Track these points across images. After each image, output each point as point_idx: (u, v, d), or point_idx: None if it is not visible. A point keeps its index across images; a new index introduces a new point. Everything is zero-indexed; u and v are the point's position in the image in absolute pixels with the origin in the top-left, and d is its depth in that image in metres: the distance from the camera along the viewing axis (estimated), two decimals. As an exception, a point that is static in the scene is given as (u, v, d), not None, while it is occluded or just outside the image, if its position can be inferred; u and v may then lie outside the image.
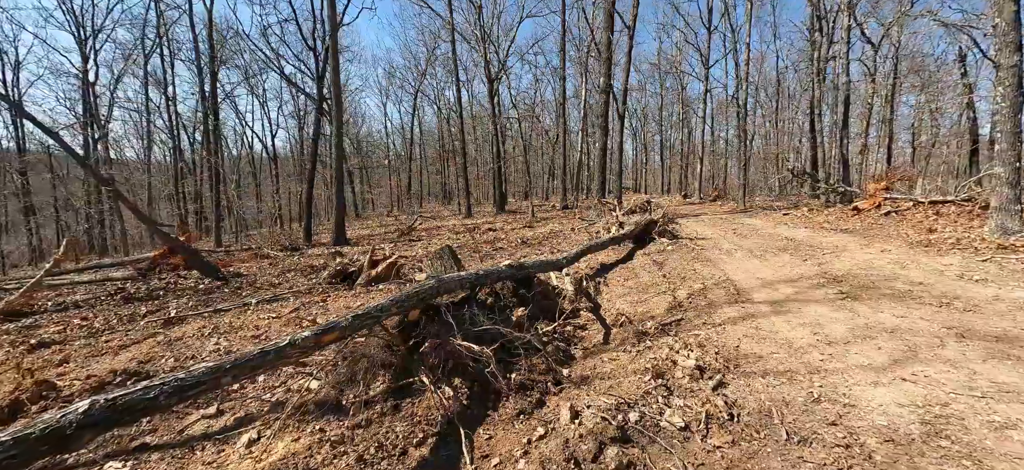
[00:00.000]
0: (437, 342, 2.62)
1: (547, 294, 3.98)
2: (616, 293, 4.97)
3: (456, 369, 2.67)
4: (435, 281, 2.79)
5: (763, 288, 4.72)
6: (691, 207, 20.92)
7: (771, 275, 5.33)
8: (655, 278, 5.46)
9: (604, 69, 14.16)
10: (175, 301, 7.19)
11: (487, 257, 8.96)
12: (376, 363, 2.57)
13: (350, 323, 2.12)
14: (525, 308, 3.41)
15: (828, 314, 3.67)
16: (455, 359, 2.64)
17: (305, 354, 2.03)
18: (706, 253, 7.10)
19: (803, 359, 2.83)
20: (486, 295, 3.38)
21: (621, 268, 6.44)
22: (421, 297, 2.64)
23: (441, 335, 2.65)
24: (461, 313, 2.91)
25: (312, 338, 1.93)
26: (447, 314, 2.69)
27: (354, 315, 2.19)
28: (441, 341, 2.61)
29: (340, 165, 14.44)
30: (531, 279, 3.84)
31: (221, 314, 6.00)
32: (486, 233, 14.64)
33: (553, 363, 2.90)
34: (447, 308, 2.78)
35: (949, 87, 22.41)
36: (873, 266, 5.38)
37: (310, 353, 2.13)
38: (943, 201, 9.80)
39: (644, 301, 4.52)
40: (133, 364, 4.06)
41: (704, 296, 4.50)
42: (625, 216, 8.90)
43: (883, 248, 6.45)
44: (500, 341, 2.78)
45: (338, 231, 14.52)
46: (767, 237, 8.49)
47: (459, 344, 2.53)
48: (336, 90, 14.00)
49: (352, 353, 2.63)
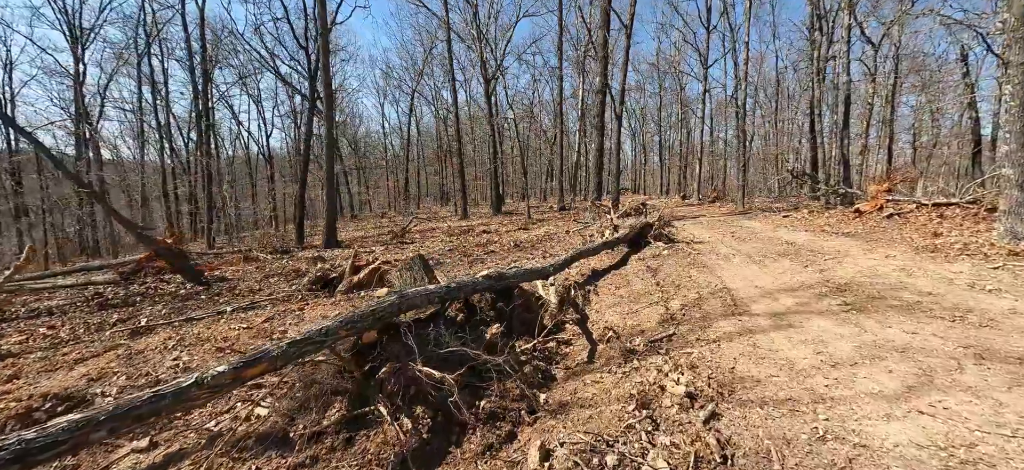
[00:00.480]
0: (397, 366, 2.33)
1: (529, 306, 3.69)
2: (606, 302, 4.69)
3: (418, 396, 2.39)
4: (396, 297, 2.50)
5: (762, 298, 4.43)
6: (689, 208, 20.63)
7: (770, 283, 5.05)
8: (648, 286, 5.18)
9: (601, 68, 13.88)
10: (150, 308, 6.90)
11: (477, 261, 8.68)
12: (327, 390, 2.28)
13: (283, 352, 1.83)
14: (501, 324, 3.12)
15: (832, 329, 3.38)
16: (417, 385, 2.35)
17: (218, 394, 1.74)
18: (703, 258, 6.81)
19: (806, 384, 2.54)
20: (456, 311, 3.09)
21: (614, 274, 6.15)
22: (378, 316, 2.36)
23: (401, 358, 2.36)
24: (425, 332, 2.62)
25: (229, 374, 1.65)
26: (409, 334, 2.40)
27: (289, 342, 1.90)
28: (401, 365, 2.32)
29: (331, 166, 14.15)
30: (511, 290, 3.56)
31: (193, 323, 5.72)
32: (480, 235, 14.36)
33: (528, 388, 2.61)
34: (410, 327, 2.49)
35: (950, 87, 22.15)
36: (878, 274, 5.10)
37: (227, 392, 1.84)
38: (947, 203, 9.51)
39: (635, 312, 4.23)
40: (83, 382, 3.77)
41: (699, 307, 4.22)
42: (620, 219, 8.62)
43: (887, 254, 6.17)
44: (469, 364, 2.49)
45: (329, 233, 14.24)
46: (766, 241, 8.21)
47: (419, 370, 2.24)
48: (327, 90, 13.72)
49: (304, 378, 2.34)
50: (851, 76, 17.34)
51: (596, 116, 15.25)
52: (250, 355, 1.78)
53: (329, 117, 13.85)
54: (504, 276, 3.56)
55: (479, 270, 8.00)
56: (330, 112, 13.89)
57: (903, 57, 23.44)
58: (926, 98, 23.10)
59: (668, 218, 9.15)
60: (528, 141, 43.23)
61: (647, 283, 5.33)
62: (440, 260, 9.25)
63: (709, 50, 25.38)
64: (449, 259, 9.22)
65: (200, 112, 21.93)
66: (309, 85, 17.42)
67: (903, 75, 23.16)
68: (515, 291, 3.62)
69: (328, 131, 13.91)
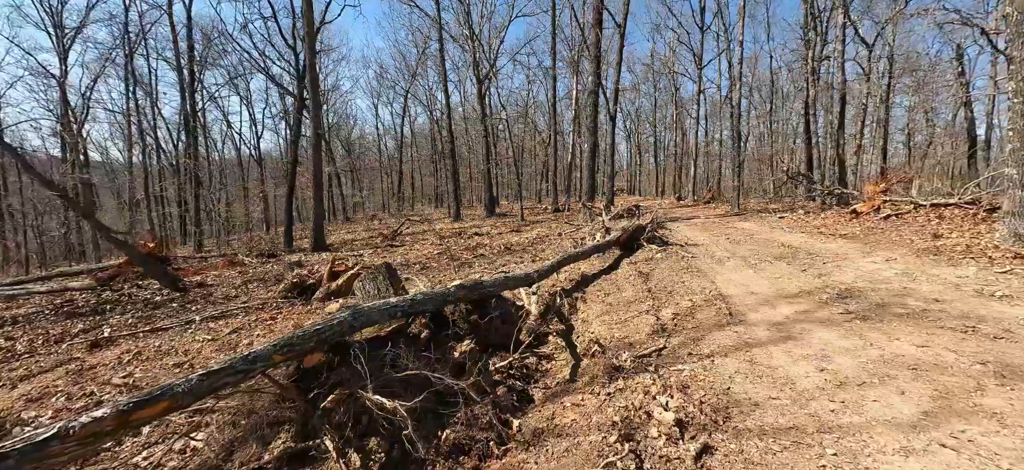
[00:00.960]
0: (346, 393, 2.03)
1: (508, 317, 3.40)
2: (594, 311, 4.40)
3: (372, 427, 2.09)
4: (348, 314, 2.20)
5: (759, 306, 4.17)
6: (684, 209, 20.43)
7: (767, 289, 4.79)
8: (639, 292, 4.90)
9: (593, 68, 13.63)
10: (119, 317, 6.56)
11: (465, 266, 8.39)
12: (264, 422, 1.98)
13: (193, 387, 1.54)
14: (475, 339, 2.83)
15: (835, 342, 3.12)
16: (370, 415, 2.06)
17: (96, 444, 1.44)
18: (697, 262, 6.55)
19: (809, 408, 2.27)
20: (421, 327, 2.79)
21: (604, 280, 5.87)
22: (323, 337, 2.06)
23: (351, 384, 2.06)
24: (382, 353, 2.32)
25: (111, 418, 1.34)
26: (360, 357, 2.11)
27: (203, 374, 1.60)
28: (350, 392, 2.02)
29: (319, 169, 13.81)
30: (489, 300, 3.27)
31: (158, 334, 5.39)
32: (471, 238, 14.07)
33: (500, 414, 2.32)
34: (363, 348, 2.19)
35: (944, 87, 22.10)
36: (879, 278, 4.85)
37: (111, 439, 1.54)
38: (945, 204, 9.32)
39: (624, 322, 3.95)
40: (20, 403, 3.45)
41: (692, 316, 3.95)
42: (612, 221, 8.35)
43: (888, 256, 5.93)
44: (432, 389, 2.20)
45: (317, 236, 13.90)
46: (762, 243, 7.97)
47: (369, 399, 1.95)
48: (314, 90, 13.39)
49: (239, 408, 2.04)
50: (846, 75, 17.20)
51: (588, 116, 14.99)
52: (147, 393, 1.48)
53: (316, 118, 13.52)
54: (481, 285, 3.27)
55: (466, 275, 7.71)
56: (317, 113, 13.56)
57: (897, 57, 23.38)
58: (921, 97, 23.02)
59: (661, 220, 8.89)
60: (523, 142, 42.99)
61: (638, 289, 5.06)
62: (427, 264, 8.96)
63: (703, 50, 25.26)
64: (436, 264, 8.92)
65: (188, 114, 21.51)
66: (297, 86, 17.06)
67: (897, 75, 23.08)
68: (493, 301, 3.33)
69: (315, 132, 13.57)
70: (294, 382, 2.14)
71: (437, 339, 2.80)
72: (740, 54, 16.49)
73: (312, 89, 13.28)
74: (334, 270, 6.11)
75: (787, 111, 31.51)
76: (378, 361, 2.22)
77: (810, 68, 19.71)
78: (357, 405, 2.04)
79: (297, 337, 1.95)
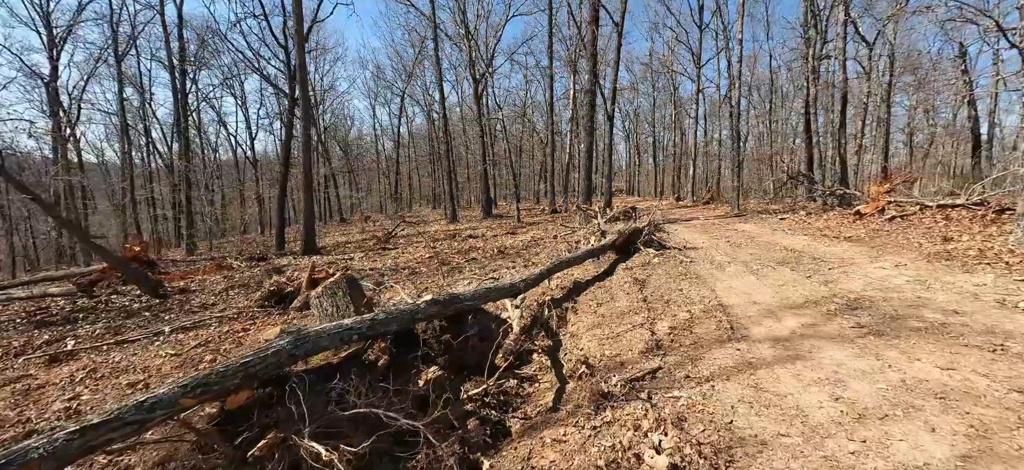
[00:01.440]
0: (279, 438, 1.72)
1: (488, 334, 3.08)
2: (585, 324, 4.09)
3: (314, 475, 1.77)
4: (288, 342, 1.89)
5: (763, 318, 3.85)
6: (684, 211, 20.12)
7: (771, 298, 4.47)
8: (634, 302, 4.59)
9: (589, 66, 13.33)
10: (89, 327, 6.23)
11: (454, 271, 8.07)
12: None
13: (57, 449, 1.22)
14: (446, 361, 2.51)
15: (849, 363, 2.80)
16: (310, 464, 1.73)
17: None
18: (696, 267, 6.24)
19: (826, 449, 1.95)
20: (380, 351, 2.46)
21: (597, 287, 5.56)
22: (252, 371, 1.75)
23: (288, 426, 1.74)
24: (328, 387, 2.00)
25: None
26: (298, 393, 1.79)
27: (72, 431, 1.28)
28: (284, 436, 1.70)
29: (309, 170, 13.49)
30: (466, 315, 2.95)
31: (124, 347, 5.07)
32: (465, 240, 13.76)
33: (468, 453, 2.01)
34: (303, 380, 1.87)
35: (947, 85, 21.81)
36: (890, 286, 4.54)
37: None
38: (953, 205, 9.02)
39: (616, 337, 3.63)
40: (-51, 431, 3.13)
41: (690, 330, 3.63)
42: (608, 224, 8.04)
43: (897, 262, 5.62)
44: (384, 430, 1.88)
45: (307, 240, 13.57)
46: (764, 246, 7.66)
47: (303, 447, 1.63)
48: (304, 90, 13.07)
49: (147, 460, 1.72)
50: (847, 74, 16.90)
51: (585, 116, 14.69)
52: (-11, 460, 1.17)
53: (306, 118, 13.20)
54: (457, 299, 2.95)
55: (455, 280, 7.38)
56: (307, 112, 13.24)
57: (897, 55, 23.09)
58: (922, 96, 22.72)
59: (659, 222, 8.58)
60: (521, 143, 42.67)
61: (633, 299, 4.74)
62: (416, 269, 8.64)
63: (702, 49, 24.96)
64: (425, 268, 8.60)
65: (179, 114, 21.18)
66: (289, 85, 16.74)
67: (897, 73, 22.79)
68: (470, 317, 3.01)
69: (305, 133, 13.25)
70: (219, 424, 1.83)
71: (402, 363, 2.48)
72: (739, 52, 16.20)
73: (302, 88, 12.96)
74: (314, 277, 5.79)
75: (787, 110, 31.24)
76: (323, 397, 1.90)
77: (810, 67, 19.41)
78: (293, 452, 1.73)
79: (216, 375, 1.64)
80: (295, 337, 1.94)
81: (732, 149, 18.00)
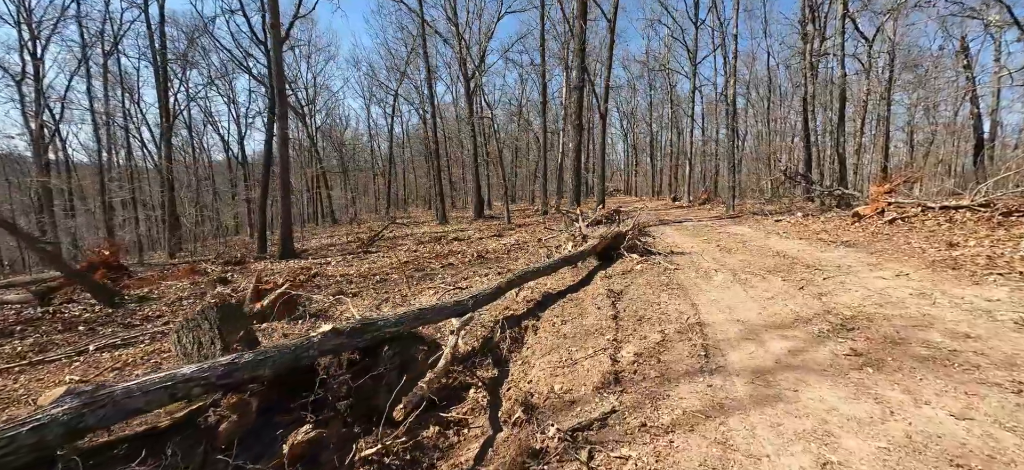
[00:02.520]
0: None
1: (410, 365, 2.57)
2: (542, 346, 3.57)
3: None
4: (68, 412, 1.37)
5: (744, 341, 3.34)
6: (678, 211, 19.61)
7: (756, 315, 3.96)
8: (603, 319, 4.07)
9: (577, 61, 12.81)
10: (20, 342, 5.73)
11: (425, 278, 7.56)
12: None
13: None
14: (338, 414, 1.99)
15: (841, 407, 2.29)
16: None
17: None
18: (679, 276, 5.73)
19: (806, 549, 1.44)
20: (230, 407, 1.93)
21: (569, 299, 5.05)
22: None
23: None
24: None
25: None
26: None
27: None
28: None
29: (286, 170, 12.98)
30: (379, 346, 2.43)
31: (40, 366, 4.57)
32: (450, 243, 13.27)
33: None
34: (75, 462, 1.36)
35: (948, 82, 21.30)
36: (891, 300, 4.03)
37: None
38: (956, 207, 8.50)
39: (573, 365, 3.12)
40: None
41: (658, 357, 3.12)
42: (589, 228, 7.53)
43: (898, 271, 5.11)
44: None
45: (284, 243, 13.07)
46: (755, 251, 7.15)
47: None
48: (280, 83, 12.57)
49: None
50: (845, 71, 16.39)
51: (574, 113, 14.17)
52: None
53: (282, 116, 12.68)
54: (372, 326, 2.43)
55: (424, 289, 6.87)
56: (283, 109, 12.73)
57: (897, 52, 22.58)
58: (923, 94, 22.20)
59: (644, 226, 8.06)
60: (517, 142, 42.14)
61: (603, 314, 4.22)
62: (388, 276, 8.13)
63: (698, 46, 24.44)
64: (397, 275, 8.09)
65: (164, 114, 20.67)
66: (268, 81, 16.22)
67: (897, 70, 22.28)
68: (386, 348, 2.49)
69: (282, 131, 12.74)
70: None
71: (259, 424, 1.96)
72: (735, 48, 15.68)
73: (277, 82, 12.45)
74: (260, 289, 5.28)
75: (785, 109, 30.74)
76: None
77: (808, 63, 18.92)
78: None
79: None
80: (85, 400, 1.43)
81: (729, 147, 17.49)
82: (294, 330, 4.90)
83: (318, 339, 2.16)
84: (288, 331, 4.88)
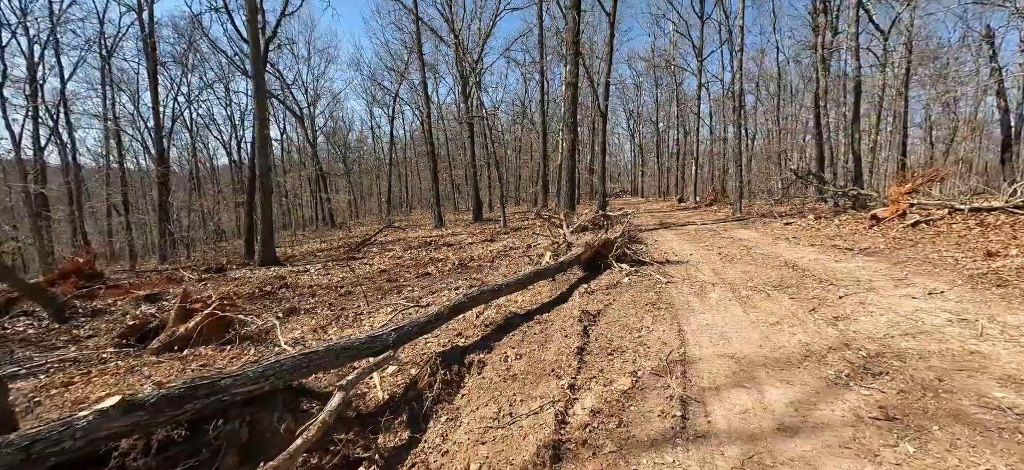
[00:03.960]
0: None
1: (263, 435, 1.87)
2: (481, 393, 2.84)
3: None
4: None
5: (735, 388, 2.58)
6: (683, 213, 18.74)
7: (755, 347, 3.20)
8: (566, 353, 3.34)
9: (570, 56, 12.07)
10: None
11: (392, 292, 6.86)
12: None
13: None
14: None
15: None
16: None
17: None
18: (670, 292, 4.96)
19: None
20: None
21: (536, 322, 4.31)
22: None
23: None
24: None
25: None
26: None
27: None
28: None
29: (265, 172, 12.40)
30: (217, 417, 1.73)
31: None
32: (439, 249, 12.58)
33: None
34: None
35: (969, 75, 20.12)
36: (925, 329, 3.24)
37: None
38: (989, 208, 7.60)
39: (510, 424, 2.39)
40: None
41: (619, 415, 2.38)
42: (574, 234, 6.78)
43: (930, 286, 4.29)
44: None
45: (265, 249, 12.48)
46: (761, 261, 6.35)
47: None
48: (259, 81, 12.01)
49: None
50: (860, 63, 15.42)
51: (566, 111, 13.42)
52: None
53: (262, 117, 12.12)
54: (213, 386, 1.74)
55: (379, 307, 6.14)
56: (263, 108, 12.17)
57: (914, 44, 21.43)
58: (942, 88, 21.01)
59: (636, 231, 7.29)
60: (520, 143, 41.42)
61: (569, 345, 3.49)
62: (350, 290, 7.42)
63: (704, 42, 23.54)
64: (364, 285, 7.42)
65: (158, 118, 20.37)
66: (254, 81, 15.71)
67: (914, 64, 21.13)
68: (218, 422, 1.79)
69: (261, 132, 12.17)
70: None
71: None
72: (741, 40, 14.81)
73: (256, 80, 11.89)
74: (187, 307, 4.63)
75: (796, 106, 29.60)
76: None
77: (820, 56, 17.92)
78: None
79: None
80: None
81: (736, 146, 16.59)
82: (219, 358, 4.24)
83: (89, 421, 1.47)
84: (212, 358, 4.21)
